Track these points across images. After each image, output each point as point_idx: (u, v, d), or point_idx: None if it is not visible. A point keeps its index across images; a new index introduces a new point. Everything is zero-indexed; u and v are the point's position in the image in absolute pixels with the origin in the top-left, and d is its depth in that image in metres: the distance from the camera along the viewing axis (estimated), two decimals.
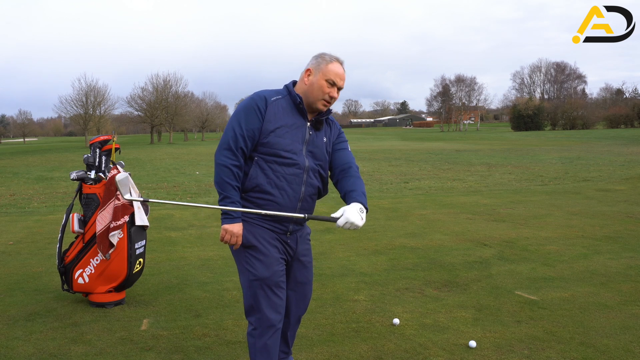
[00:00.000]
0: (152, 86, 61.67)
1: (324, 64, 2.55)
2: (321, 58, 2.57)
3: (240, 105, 2.56)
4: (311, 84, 2.56)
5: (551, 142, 36.74)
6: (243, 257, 2.57)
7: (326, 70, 2.54)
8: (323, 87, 2.54)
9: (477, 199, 10.08)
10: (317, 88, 2.54)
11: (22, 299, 4.35)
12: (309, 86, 2.56)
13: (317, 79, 2.54)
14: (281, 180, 2.51)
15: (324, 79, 2.54)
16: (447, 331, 3.55)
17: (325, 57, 2.57)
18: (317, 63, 2.57)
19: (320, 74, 2.55)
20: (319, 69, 2.55)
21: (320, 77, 2.54)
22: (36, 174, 19.00)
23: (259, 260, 2.53)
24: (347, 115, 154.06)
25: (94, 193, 4.15)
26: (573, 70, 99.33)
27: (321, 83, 2.54)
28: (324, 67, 2.55)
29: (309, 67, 2.59)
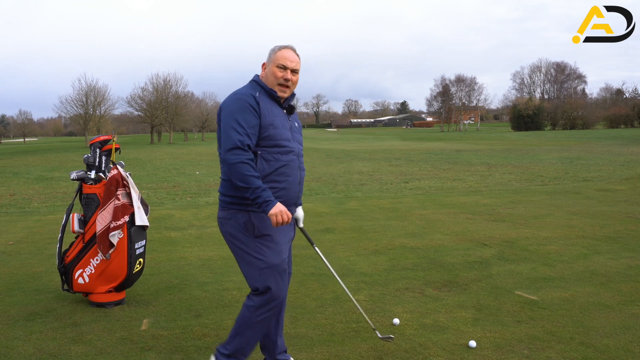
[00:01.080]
0: (152, 86, 61.63)
1: (273, 54, 2.76)
2: (271, 50, 2.78)
3: (229, 107, 2.65)
4: (267, 74, 2.77)
5: (551, 142, 36.74)
6: (254, 246, 2.66)
7: (275, 57, 2.75)
8: (275, 72, 2.73)
9: (477, 199, 10.08)
10: (271, 75, 2.74)
11: (22, 299, 4.35)
12: (266, 77, 2.77)
13: (269, 68, 2.76)
14: (286, 168, 2.69)
15: (275, 66, 2.73)
16: (447, 331, 3.55)
17: (275, 48, 2.78)
18: (269, 55, 2.78)
19: (272, 62, 2.75)
20: (270, 59, 2.77)
21: (272, 65, 2.75)
22: (36, 174, 19.00)
23: (270, 249, 2.67)
24: (347, 115, 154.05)
25: (94, 193, 4.15)
26: (573, 70, 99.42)
27: (273, 70, 2.73)
28: (273, 56, 2.76)
29: (265, 61, 2.80)
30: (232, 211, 2.70)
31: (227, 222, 2.72)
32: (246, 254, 2.68)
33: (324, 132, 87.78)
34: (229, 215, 2.71)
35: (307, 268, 5.17)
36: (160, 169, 20.09)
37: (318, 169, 18.55)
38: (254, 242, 2.66)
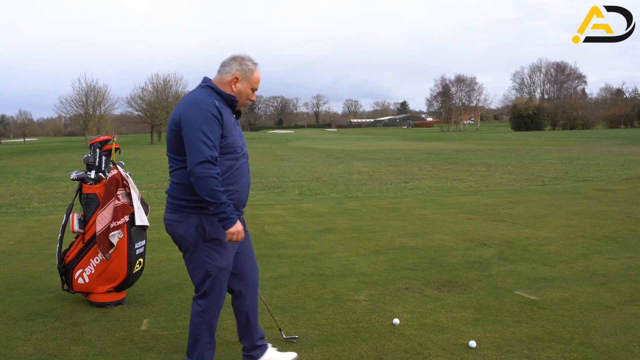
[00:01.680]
0: (152, 86, 61.59)
1: (250, 73, 2.79)
2: (245, 65, 2.78)
3: (193, 117, 2.63)
4: (239, 91, 2.79)
5: (551, 142, 36.74)
6: (203, 250, 2.75)
7: (252, 79, 2.80)
8: (249, 94, 2.83)
9: (477, 199, 10.08)
10: (245, 96, 2.81)
11: (22, 299, 4.35)
12: (237, 93, 2.79)
13: (244, 87, 2.80)
14: (239, 172, 2.79)
15: (250, 88, 2.81)
16: (447, 331, 3.55)
17: (249, 65, 2.79)
18: (243, 71, 2.78)
19: (247, 82, 2.80)
20: (246, 78, 2.79)
21: (247, 85, 2.80)
22: (36, 174, 19.00)
23: (219, 253, 2.76)
24: (347, 115, 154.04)
25: (94, 193, 4.15)
26: (573, 70, 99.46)
27: (248, 92, 2.81)
28: (250, 76, 2.79)
29: (236, 75, 2.77)
30: (184, 214, 2.74)
31: (179, 225, 2.76)
32: (193, 255, 2.77)
33: (324, 132, 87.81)
34: (180, 218, 2.75)
35: (307, 268, 5.18)
36: (160, 169, 20.09)
37: (318, 169, 18.55)
38: (204, 245, 2.74)
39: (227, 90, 2.78)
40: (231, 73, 2.78)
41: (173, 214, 2.78)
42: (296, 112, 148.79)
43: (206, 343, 2.85)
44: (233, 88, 2.79)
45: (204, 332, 2.83)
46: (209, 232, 2.72)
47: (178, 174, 2.77)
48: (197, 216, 2.72)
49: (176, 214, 2.77)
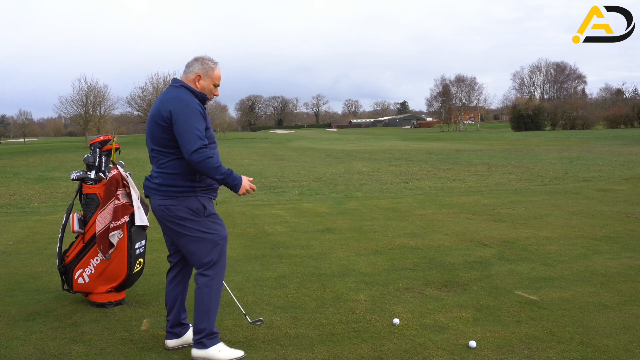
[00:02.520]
0: (152, 86, 61.61)
1: (210, 71, 3.15)
2: (206, 64, 3.15)
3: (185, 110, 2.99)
4: (202, 87, 3.15)
5: (551, 142, 36.74)
6: (206, 224, 3.11)
7: (213, 75, 3.17)
8: (212, 89, 3.19)
9: (477, 199, 10.08)
10: (208, 91, 3.17)
11: (22, 299, 4.35)
12: (200, 89, 3.15)
13: (207, 84, 3.16)
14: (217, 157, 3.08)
15: (212, 84, 3.18)
16: (447, 331, 3.55)
17: (209, 64, 3.16)
18: (205, 69, 3.14)
19: (209, 79, 3.16)
20: (208, 75, 3.15)
21: (209, 82, 3.17)
22: (36, 174, 19.01)
23: (219, 224, 3.18)
24: (347, 115, 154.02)
25: (94, 193, 4.15)
26: (573, 70, 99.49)
27: (210, 87, 3.18)
28: (211, 73, 3.16)
29: (198, 73, 3.13)
30: (181, 198, 3.06)
31: (177, 208, 3.06)
32: (199, 232, 3.09)
33: (324, 132, 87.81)
34: (177, 202, 3.06)
35: (307, 268, 5.18)
36: None
37: (318, 169, 18.55)
38: (206, 220, 3.11)
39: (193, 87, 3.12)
40: (194, 72, 3.14)
41: (169, 200, 3.06)
42: (296, 112, 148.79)
43: (216, 310, 3.16)
44: (197, 85, 3.14)
45: (214, 299, 3.13)
46: (208, 208, 3.12)
47: (171, 165, 3.06)
48: (194, 198, 3.08)
49: (172, 199, 3.06)
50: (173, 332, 3.33)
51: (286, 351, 3.27)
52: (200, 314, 3.11)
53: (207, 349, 3.12)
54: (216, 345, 3.15)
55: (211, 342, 3.14)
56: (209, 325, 3.12)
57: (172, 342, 3.33)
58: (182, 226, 3.08)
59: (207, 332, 3.12)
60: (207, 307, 3.10)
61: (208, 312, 3.11)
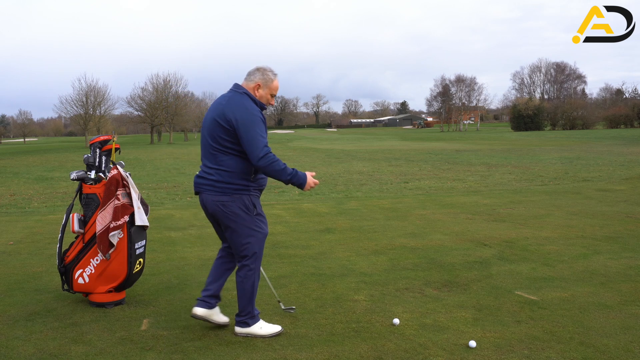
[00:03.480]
0: (152, 86, 61.66)
1: (270, 82, 3.42)
2: (266, 75, 3.42)
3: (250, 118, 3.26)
4: (260, 96, 3.42)
5: (551, 142, 36.74)
6: (254, 222, 3.42)
7: (272, 86, 3.44)
8: (269, 99, 3.46)
9: (477, 199, 10.08)
10: (265, 100, 3.44)
11: (22, 299, 4.35)
12: (258, 97, 3.42)
13: (265, 93, 3.43)
14: None
15: (270, 94, 3.45)
16: (447, 331, 3.55)
17: (269, 75, 3.42)
18: (264, 80, 3.41)
19: (267, 89, 3.43)
20: (267, 85, 3.42)
21: (267, 91, 3.43)
22: (36, 174, 19.01)
23: (264, 222, 3.50)
24: (347, 115, 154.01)
25: (94, 193, 4.15)
26: (573, 70, 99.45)
27: (268, 97, 3.45)
28: (270, 84, 3.43)
29: (258, 82, 3.40)
30: (236, 195, 3.34)
31: (232, 204, 3.34)
32: (249, 228, 3.38)
33: (324, 132, 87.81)
34: (232, 199, 3.34)
35: (307, 268, 5.18)
36: (160, 169, 20.09)
37: (318, 169, 18.55)
38: (254, 218, 3.41)
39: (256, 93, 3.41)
40: (254, 81, 3.40)
41: (224, 196, 3.35)
42: (296, 112, 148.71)
43: (255, 293, 3.52)
44: (256, 93, 3.40)
45: (256, 284, 3.50)
46: (257, 207, 3.43)
47: (229, 164, 3.33)
48: (247, 196, 3.37)
49: (228, 195, 3.34)
50: (207, 301, 3.57)
51: (286, 351, 3.27)
52: (245, 298, 3.48)
53: (250, 327, 3.49)
54: (257, 323, 3.51)
55: (253, 320, 3.51)
56: (252, 308, 3.50)
57: (201, 310, 3.55)
58: (234, 221, 3.36)
59: (250, 314, 3.50)
60: (250, 293, 3.48)
61: (251, 297, 3.49)
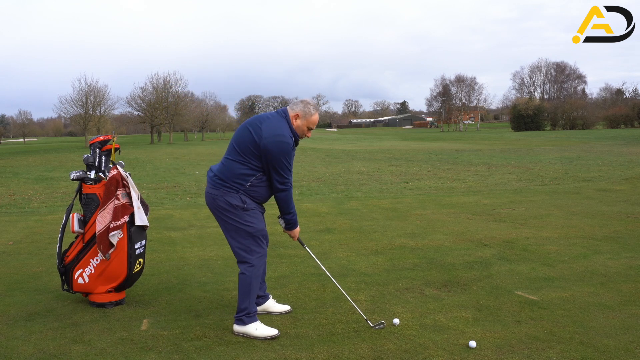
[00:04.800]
0: (152, 86, 61.66)
1: (309, 115, 3.57)
2: (307, 108, 3.56)
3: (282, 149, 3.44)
4: (297, 126, 3.57)
5: (551, 142, 36.74)
6: (244, 217, 3.52)
7: (311, 120, 3.59)
8: (304, 131, 3.60)
9: (477, 199, 10.08)
10: (302, 131, 3.59)
11: (22, 299, 4.35)
12: (295, 127, 3.57)
13: (302, 124, 3.57)
14: None
15: (307, 126, 3.58)
16: (447, 331, 3.55)
17: (310, 109, 3.57)
18: (304, 112, 3.56)
19: (306, 121, 3.57)
20: (305, 118, 3.56)
21: (305, 123, 3.57)
22: (36, 174, 19.01)
23: (256, 218, 3.57)
24: (347, 115, 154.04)
25: (94, 193, 4.15)
26: (573, 70, 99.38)
27: (304, 128, 3.59)
28: (309, 117, 3.57)
29: (297, 113, 3.55)
30: (225, 191, 3.50)
31: (220, 199, 3.52)
32: (237, 222, 3.51)
33: (324, 132, 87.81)
34: (221, 194, 3.51)
35: (307, 268, 5.17)
36: (160, 169, 20.09)
37: (318, 169, 18.55)
38: (243, 214, 3.51)
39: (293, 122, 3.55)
40: (295, 111, 3.56)
41: (215, 190, 3.54)
42: None
43: (255, 293, 3.57)
44: (294, 122, 3.55)
45: (254, 284, 3.54)
46: (248, 204, 3.52)
47: (234, 166, 3.51)
48: (235, 194, 3.50)
49: (217, 190, 3.53)
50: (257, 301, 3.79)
51: (286, 351, 3.27)
52: (242, 295, 3.54)
53: (246, 326, 3.53)
54: (253, 324, 3.53)
55: (250, 319, 3.54)
56: (249, 306, 3.54)
57: None
58: (222, 215, 3.53)
59: (246, 312, 3.54)
60: (248, 290, 3.53)
61: (248, 294, 3.54)
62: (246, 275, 3.53)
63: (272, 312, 3.93)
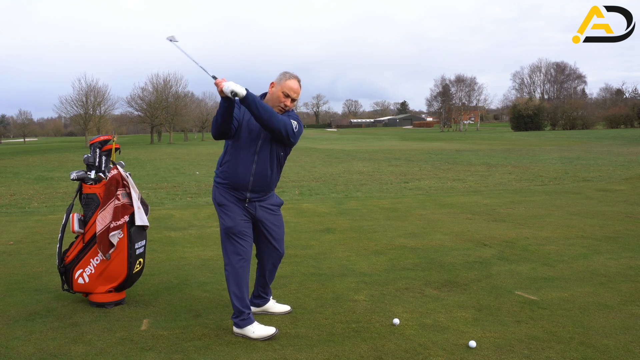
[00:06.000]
0: (152, 86, 61.63)
1: (283, 80, 3.43)
2: (283, 75, 3.45)
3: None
4: (272, 93, 3.47)
5: (551, 142, 36.74)
6: (220, 213, 3.52)
7: (283, 84, 3.42)
8: (280, 97, 3.43)
9: (477, 199, 10.08)
10: (276, 98, 3.43)
11: (22, 299, 4.35)
12: (270, 95, 3.48)
13: (276, 90, 3.44)
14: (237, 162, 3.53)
15: (281, 91, 3.42)
16: (447, 331, 3.55)
17: (286, 75, 3.45)
18: (279, 79, 3.45)
19: (279, 87, 3.43)
20: (280, 84, 3.44)
21: (279, 89, 3.43)
22: (36, 174, 19.01)
23: (228, 215, 3.48)
24: (347, 115, 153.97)
25: (94, 193, 4.15)
26: (573, 70, 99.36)
27: (279, 94, 3.42)
28: (283, 82, 3.43)
29: (273, 81, 3.48)
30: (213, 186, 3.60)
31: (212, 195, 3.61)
32: (218, 218, 3.55)
33: (324, 132, 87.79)
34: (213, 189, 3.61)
35: (307, 268, 5.18)
36: (160, 169, 20.09)
37: (318, 169, 18.55)
38: (219, 210, 3.54)
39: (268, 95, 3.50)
40: (273, 81, 3.49)
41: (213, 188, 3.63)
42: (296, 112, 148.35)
43: (238, 294, 3.48)
44: (270, 91, 3.49)
45: (231, 284, 3.49)
46: (219, 198, 3.50)
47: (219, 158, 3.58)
48: (215, 187, 3.55)
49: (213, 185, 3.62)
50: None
51: (286, 351, 3.27)
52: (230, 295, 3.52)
53: (242, 329, 3.49)
54: (250, 326, 3.47)
55: (245, 323, 3.47)
56: (239, 307, 3.48)
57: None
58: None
59: (240, 316, 3.48)
60: (230, 290, 3.49)
61: (233, 295, 3.48)
62: (225, 274, 3.53)
63: (272, 312, 3.92)
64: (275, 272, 3.88)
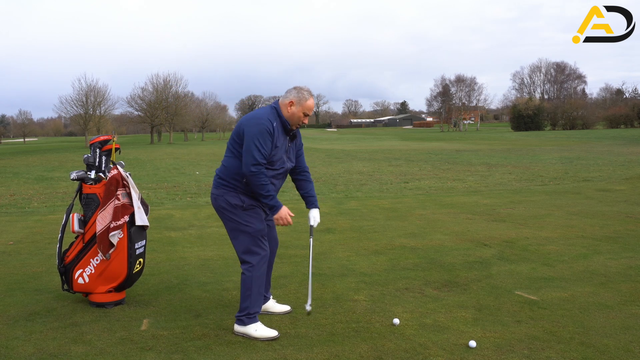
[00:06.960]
0: (152, 86, 61.65)
1: (304, 100, 3.50)
2: (301, 93, 3.51)
3: (255, 127, 3.39)
4: (292, 113, 3.52)
5: (551, 142, 36.75)
6: (243, 217, 3.51)
7: (305, 105, 3.51)
8: (301, 117, 3.54)
9: (477, 199, 10.08)
10: (297, 118, 3.53)
11: (22, 299, 4.35)
12: (290, 115, 3.52)
13: (297, 110, 3.51)
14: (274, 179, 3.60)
15: (302, 112, 3.52)
16: (447, 331, 3.55)
17: (304, 94, 3.51)
18: (298, 98, 3.50)
19: (300, 107, 3.51)
20: (300, 103, 3.50)
21: (300, 109, 3.51)
22: (36, 174, 19.01)
23: (255, 218, 3.55)
24: (347, 115, 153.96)
25: (94, 193, 4.15)
26: (573, 70, 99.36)
27: (300, 115, 3.52)
28: (303, 102, 3.51)
29: (292, 100, 3.50)
30: (224, 190, 3.53)
31: (220, 198, 3.54)
32: (236, 222, 3.51)
33: (324, 132, 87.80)
34: (221, 194, 3.54)
35: (307, 268, 5.16)
36: (160, 169, 20.09)
37: (318, 169, 18.55)
38: (242, 213, 3.51)
39: (284, 111, 3.50)
40: (289, 98, 3.51)
41: (217, 190, 3.57)
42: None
43: (257, 294, 3.54)
44: (289, 110, 3.50)
45: (255, 284, 3.51)
46: (246, 203, 3.51)
47: (230, 162, 3.53)
48: (233, 194, 3.50)
49: (217, 189, 3.56)
50: None
51: (286, 351, 3.27)
52: (243, 296, 3.53)
53: (246, 327, 3.51)
54: (253, 324, 3.51)
55: (250, 320, 3.51)
56: (249, 305, 3.51)
57: None
58: (223, 215, 3.56)
59: (247, 312, 3.51)
60: (249, 291, 3.51)
61: (249, 295, 3.51)
62: (246, 275, 3.51)
63: (272, 312, 3.93)
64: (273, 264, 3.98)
